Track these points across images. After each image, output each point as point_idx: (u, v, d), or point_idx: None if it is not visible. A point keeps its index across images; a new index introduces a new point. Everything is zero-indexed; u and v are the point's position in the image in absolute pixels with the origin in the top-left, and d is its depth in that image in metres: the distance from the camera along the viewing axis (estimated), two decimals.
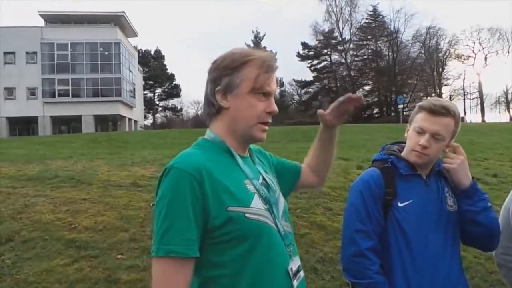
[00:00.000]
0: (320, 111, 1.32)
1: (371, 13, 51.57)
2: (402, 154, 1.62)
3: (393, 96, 48.13)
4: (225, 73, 1.10)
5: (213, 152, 1.10)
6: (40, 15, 40.43)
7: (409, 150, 1.58)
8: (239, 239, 1.00)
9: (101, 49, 39.78)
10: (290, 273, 1.07)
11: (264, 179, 1.17)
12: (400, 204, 1.52)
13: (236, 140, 1.13)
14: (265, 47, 51.36)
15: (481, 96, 49.47)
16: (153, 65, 57.72)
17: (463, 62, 50.15)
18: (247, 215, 1.01)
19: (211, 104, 1.14)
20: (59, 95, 38.73)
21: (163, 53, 59.00)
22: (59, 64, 38.58)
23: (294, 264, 1.10)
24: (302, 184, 1.42)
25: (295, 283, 1.07)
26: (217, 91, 1.11)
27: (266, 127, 1.14)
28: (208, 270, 1.01)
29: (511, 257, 1.64)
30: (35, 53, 38.22)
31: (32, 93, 38.27)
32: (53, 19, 40.73)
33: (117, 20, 41.99)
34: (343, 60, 52.58)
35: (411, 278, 1.49)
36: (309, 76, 54.84)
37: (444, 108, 1.50)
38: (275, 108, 1.13)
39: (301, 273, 1.13)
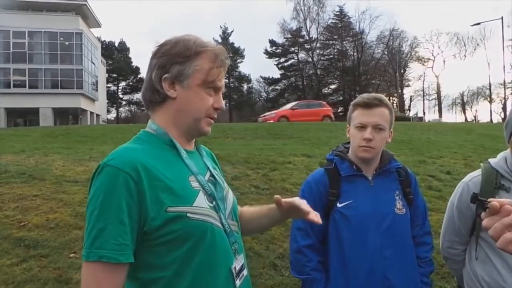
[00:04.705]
0: (276, 197, 1.11)
1: (338, 13, 52.55)
2: (349, 153, 1.66)
3: (357, 95, 48.99)
4: (175, 60, 1.04)
5: (155, 146, 1.04)
6: None
7: (356, 148, 1.61)
8: (181, 240, 0.95)
9: (61, 38, 38.07)
10: (234, 272, 1.03)
11: (212, 175, 1.12)
12: (339, 205, 1.57)
13: (180, 132, 1.08)
14: (233, 43, 51.42)
15: (439, 97, 51.92)
16: (117, 58, 55.81)
17: (423, 64, 52.46)
18: (189, 214, 0.96)
19: (156, 91, 1.06)
20: (15, 85, 36.70)
21: (127, 45, 57.45)
22: (15, 53, 36.59)
23: (238, 263, 1.06)
24: None
25: (237, 282, 1.04)
26: (164, 78, 1.04)
27: (212, 121, 1.10)
28: (148, 273, 0.96)
29: (456, 250, 1.70)
30: None
31: None
32: (9, 5, 38.42)
33: (79, 9, 40.32)
34: (309, 59, 53.23)
35: (349, 277, 1.52)
36: (276, 73, 55.10)
37: (376, 99, 1.59)
38: (223, 104, 1.11)
39: (245, 272, 1.10)
